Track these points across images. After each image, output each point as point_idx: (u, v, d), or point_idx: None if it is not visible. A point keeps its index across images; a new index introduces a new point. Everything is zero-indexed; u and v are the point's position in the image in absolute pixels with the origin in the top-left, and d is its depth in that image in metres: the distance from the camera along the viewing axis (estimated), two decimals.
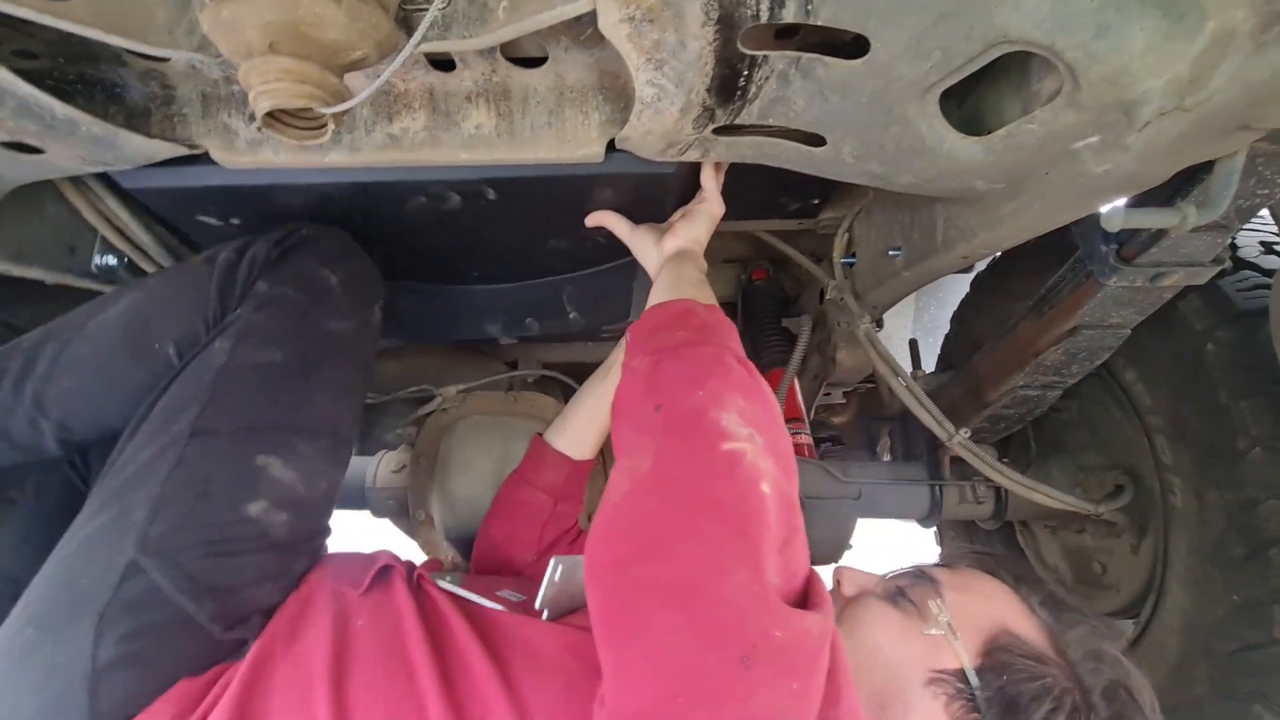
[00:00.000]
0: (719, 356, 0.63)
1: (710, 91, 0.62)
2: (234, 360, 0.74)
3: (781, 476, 0.57)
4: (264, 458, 0.72)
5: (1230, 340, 0.92)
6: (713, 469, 0.54)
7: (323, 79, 0.53)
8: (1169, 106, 0.48)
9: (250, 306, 0.77)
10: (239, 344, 0.75)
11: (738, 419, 0.57)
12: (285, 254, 0.83)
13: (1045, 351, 0.99)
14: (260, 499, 0.71)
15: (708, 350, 0.63)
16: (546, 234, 1.01)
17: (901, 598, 0.67)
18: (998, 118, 0.64)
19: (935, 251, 0.87)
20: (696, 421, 0.57)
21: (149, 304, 0.81)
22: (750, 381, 0.62)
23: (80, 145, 0.70)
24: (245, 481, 0.71)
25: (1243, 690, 0.88)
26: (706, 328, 0.68)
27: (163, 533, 0.65)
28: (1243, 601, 0.89)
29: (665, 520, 0.52)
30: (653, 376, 0.63)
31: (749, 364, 0.65)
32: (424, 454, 1.27)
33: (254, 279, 0.80)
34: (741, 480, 0.53)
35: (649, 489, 0.55)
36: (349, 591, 0.73)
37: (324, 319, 0.82)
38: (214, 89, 0.75)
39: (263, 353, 0.76)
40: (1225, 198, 0.58)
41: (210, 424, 0.71)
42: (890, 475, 1.26)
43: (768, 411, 0.61)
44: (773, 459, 0.56)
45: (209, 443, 0.70)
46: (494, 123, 0.76)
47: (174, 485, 0.67)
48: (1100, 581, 1.27)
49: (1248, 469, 0.89)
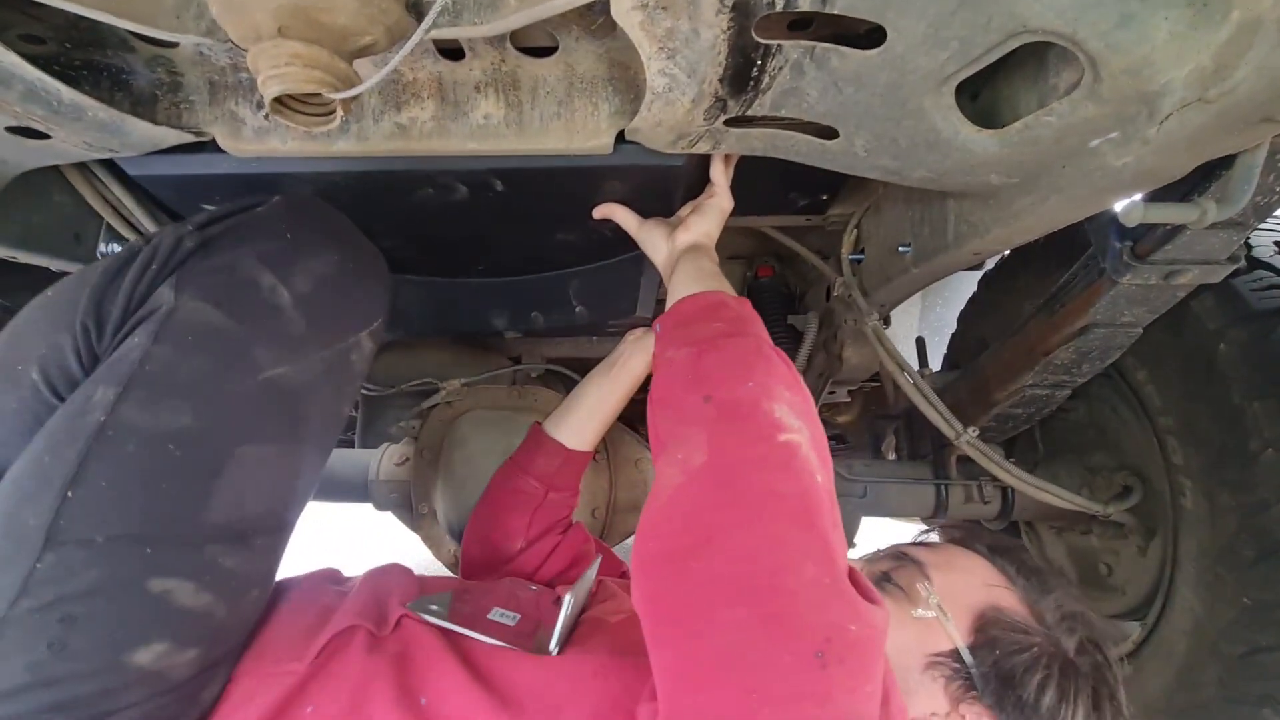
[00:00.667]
0: (759, 349, 0.62)
1: (723, 82, 0.61)
2: (114, 423, 0.51)
3: (826, 469, 0.56)
4: (162, 583, 0.49)
5: (1244, 340, 0.91)
6: (772, 460, 0.52)
7: (332, 64, 0.52)
8: (1191, 98, 0.47)
9: (145, 333, 0.54)
10: (123, 398, 0.51)
11: (789, 410, 0.55)
12: (210, 245, 0.59)
13: (1055, 350, 0.98)
14: (155, 642, 0.49)
15: (747, 342, 0.62)
16: (553, 227, 1.00)
17: (888, 582, 0.67)
18: (1013, 112, 0.63)
19: (946, 248, 0.87)
20: (750, 413, 0.54)
21: (30, 309, 0.61)
22: (790, 374, 0.61)
23: (86, 131, 0.70)
24: (131, 621, 0.49)
25: (1252, 694, 0.88)
26: (741, 320, 0.66)
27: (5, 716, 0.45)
28: (1253, 604, 0.88)
29: (725, 512, 0.50)
30: (695, 368, 0.59)
31: (785, 356, 0.64)
32: (427, 447, 1.27)
33: (157, 282, 0.56)
34: (800, 472, 0.52)
35: (705, 480, 0.52)
36: (289, 671, 0.57)
37: (264, 360, 0.57)
38: (221, 76, 0.75)
39: (163, 415, 0.52)
40: (1245, 193, 0.57)
41: (76, 529, 0.48)
42: (896, 474, 1.25)
43: (808, 404, 0.60)
44: (817, 452, 0.55)
45: (71, 558, 0.47)
46: (503, 113, 0.75)
47: (19, 631, 0.45)
48: (1106, 583, 1.26)
49: (1260, 471, 0.88)
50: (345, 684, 0.56)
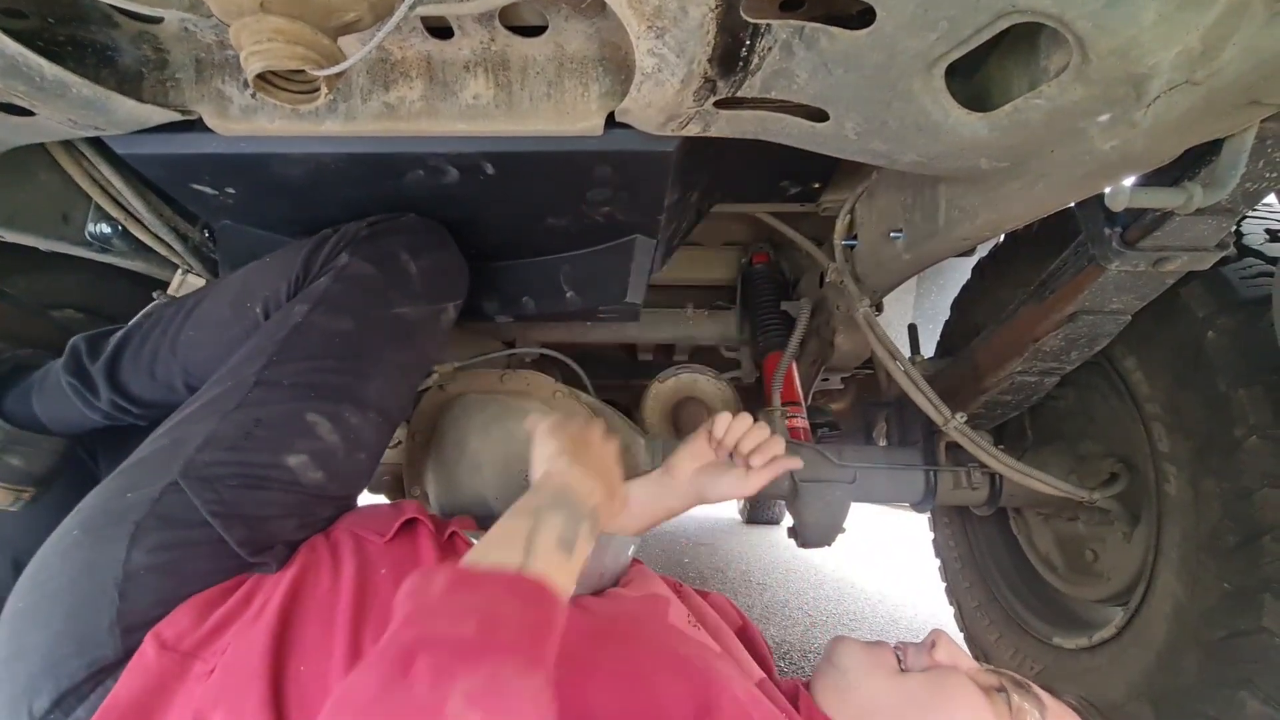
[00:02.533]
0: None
1: (712, 62, 0.61)
2: (307, 322, 0.79)
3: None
4: (315, 416, 0.76)
5: (1232, 328, 0.91)
6: None
7: (315, 40, 0.52)
8: (1179, 80, 0.47)
9: (330, 276, 0.83)
10: (314, 309, 0.80)
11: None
12: (375, 234, 0.88)
13: (1044, 337, 0.98)
14: (301, 453, 0.74)
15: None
16: (544, 212, 1.00)
17: (1000, 693, 0.66)
18: (1004, 95, 0.62)
19: (937, 233, 0.87)
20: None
21: (255, 268, 0.90)
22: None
23: (71, 108, 0.69)
24: (292, 433, 0.74)
25: (1230, 677, 0.89)
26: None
27: (206, 461, 0.70)
28: (1233, 589, 0.89)
29: None
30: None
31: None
32: (419, 430, 1.27)
33: (339, 251, 0.86)
34: None
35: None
36: (374, 540, 0.75)
37: (396, 301, 0.85)
38: (208, 54, 0.74)
39: (335, 320, 0.80)
40: (1233, 178, 0.57)
41: (274, 375, 0.76)
42: (885, 460, 1.26)
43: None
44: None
45: (269, 391, 0.75)
46: (492, 93, 0.75)
47: (229, 424, 0.72)
48: (1091, 569, 1.28)
49: (1245, 457, 0.88)
50: (414, 561, 0.72)
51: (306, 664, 0.61)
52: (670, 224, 1.08)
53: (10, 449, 0.91)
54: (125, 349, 0.91)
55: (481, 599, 0.49)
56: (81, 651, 0.61)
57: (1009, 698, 0.65)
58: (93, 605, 0.62)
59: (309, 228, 0.94)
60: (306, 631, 0.63)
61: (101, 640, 0.61)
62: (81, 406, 0.91)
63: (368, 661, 0.46)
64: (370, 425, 0.81)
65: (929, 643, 0.72)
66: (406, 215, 0.93)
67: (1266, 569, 0.86)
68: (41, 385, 0.94)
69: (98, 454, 1.06)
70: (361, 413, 0.80)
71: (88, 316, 1.24)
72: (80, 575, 0.64)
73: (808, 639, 2.33)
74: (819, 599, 2.82)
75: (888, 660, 0.71)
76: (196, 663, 0.61)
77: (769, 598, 2.78)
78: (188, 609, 0.65)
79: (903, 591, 3.00)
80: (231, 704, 0.57)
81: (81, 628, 0.62)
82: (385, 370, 0.83)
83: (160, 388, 0.90)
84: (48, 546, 0.68)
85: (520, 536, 0.56)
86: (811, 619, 2.56)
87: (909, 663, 0.71)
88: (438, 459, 1.24)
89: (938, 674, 0.68)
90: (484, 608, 0.48)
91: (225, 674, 0.59)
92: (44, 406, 0.94)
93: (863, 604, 2.81)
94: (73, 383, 0.90)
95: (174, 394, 0.89)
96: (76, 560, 0.65)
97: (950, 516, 1.72)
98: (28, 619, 0.63)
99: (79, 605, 0.63)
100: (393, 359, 0.84)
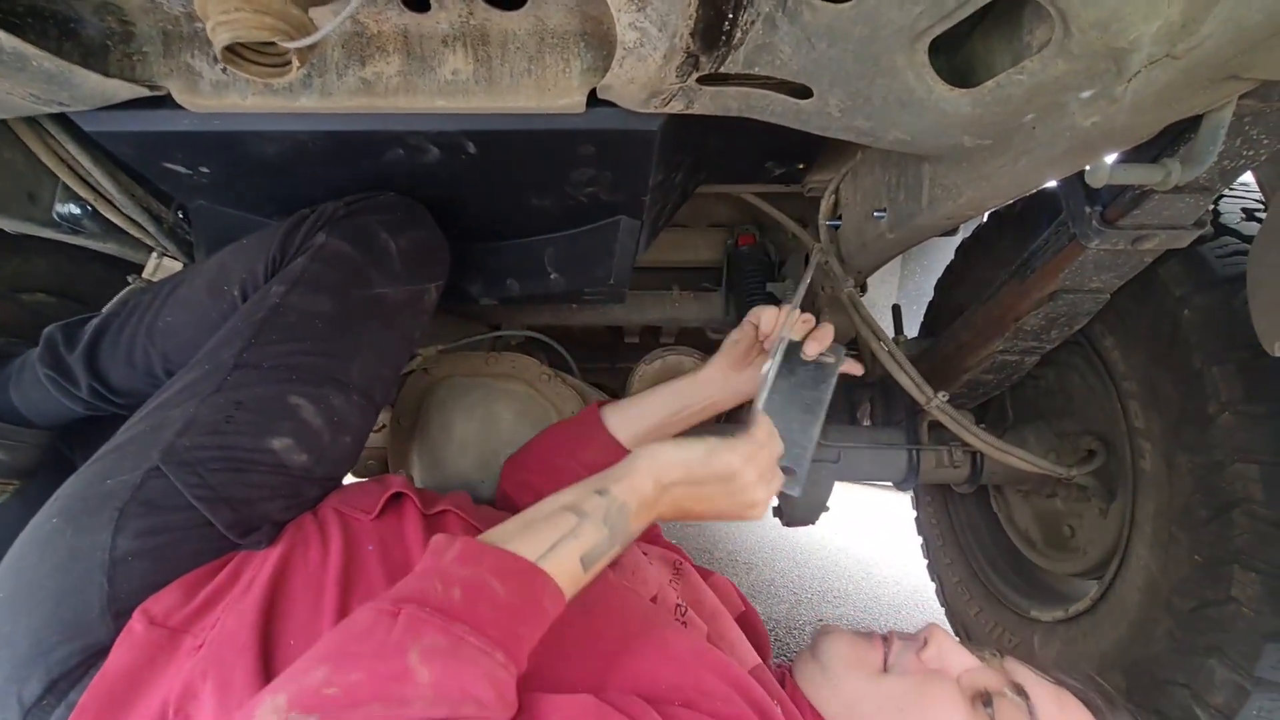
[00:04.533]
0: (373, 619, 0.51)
1: (694, 36, 0.60)
2: (285, 303, 0.78)
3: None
4: (296, 399, 0.75)
5: (1207, 306, 0.93)
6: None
7: (284, 10, 0.50)
8: (1159, 54, 0.47)
9: (307, 256, 0.81)
10: (292, 289, 0.79)
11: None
12: (352, 212, 0.86)
13: (1026, 316, 0.99)
14: (285, 436, 0.73)
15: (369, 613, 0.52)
16: (527, 192, 0.99)
17: (985, 707, 0.63)
18: (987, 71, 0.62)
19: (920, 212, 0.87)
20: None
21: (231, 251, 0.88)
22: (356, 644, 0.49)
23: (31, 82, 0.67)
24: (274, 416, 0.73)
25: (1200, 645, 0.91)
26: (407, 597, 0.52)
27: (188, 446, 0.69)
28: (1204, 560, 0.92)
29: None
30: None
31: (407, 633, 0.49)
32: (404, 414, 1.26)
33: (316, 230, 0.84)
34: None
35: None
36: (360, 516, 0.75)
37: (376, 281, 0.83)
38: (175, 26, 0.72)
39: (313, 301, 0.79)
40: (1210, 153, 0.58)
41: (253, 358, 0.75)
42: (869, 439, 1.27)
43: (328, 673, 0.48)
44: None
45: (248, 374, 0.74)
46: (472, 68, 0.73)
47: (208, 407, 0.71)
48: (1068, 544, 1.30)
49: (1217, 433, 0.90)
50: (399, 538, 0.72)
51: (296, 638, 0.61)
52: (655, 205, 1.08)
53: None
54: (103, 337, 0.89)
55: (479, 574, 0.53)
56: (72, 638, 0.61)
57: (994, 711, 0.63)
58: (80, 593, 0.62)
59: (286, 208, 0.92)
60: (295, 607, 0.64)
61: (93, 626, 0.61)
62: (61, 398, 0.89)
63: (376, 601, 0.51)
64: (354, 407, 0.80)
65: (920, 640, 0.70)
66: (385, 193, 0.91)
67: (1236, 541, 0.88)
68: (19, 377, 0.92)
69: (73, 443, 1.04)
70: (345, 395, 0.79)
71: (59, 300, 1.21)
72: (64, 563, 0.63)
73: (793, 616, 2.37)
74: (804, 577, 2.86)
75: (871, 659, 0.70)
76: (186, 638, 0.61)
77: (755, 576, 2.82)
78: (176, 586, 0.65)
79: (887, 568, 3.05)
80: (220, 676, 0.57)
81: (70, 615, 0.61)
82: (367, 352, 0.82)
83: (140, 375, 0.88)
84: (25, 535, 0.67)
85: (553, 535, 0.58)
86: (797, 597, 2.60)
87: (893, 661, 0.70)
88: (423, 443, 1.23)
89: (920, 681, 0.66)
90: (477, 582, 0.52)
91: (214, 647, 0.59)
92: (23, 398, 0.92)
93: (846, 581, 2.85)
94: (51, 375, 0.88)
95: (154, 381, 0.87)
96: (59, 548, 0.64)
97: (932, 495, 1.75)
98: (9, 608, 0.62)
99: (65, 593, 0.62)
100: (374, 340, 0.83)
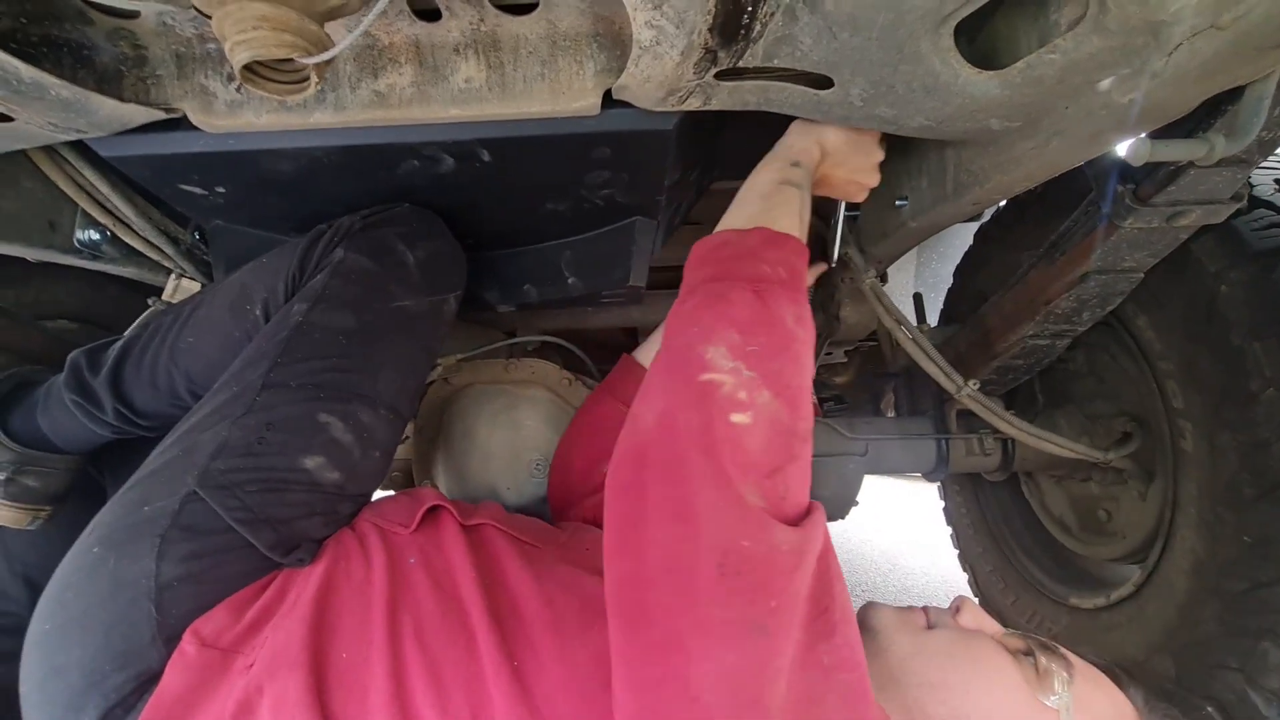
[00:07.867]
0: (726, 293, 0.65)
1: (713, 31, 0.59)
2: (308, 321, 0.78)
3: (778, 407, 0.60)
4: (326, 416, 0.75)
5: (1244, 281, 0.90)
6: (683, 398, 0.60)
7: (302, 26, 0.50)
8: (1203, 25, 0.45)
9: (326, 272, 0.82)
10: (314, 307, 0.79)
11: (725, 352, 0.61)
12: (368, 226, 0.86)
13: (1056, 299, 0.97)
14: (317, 454, 0.73)
15: (720, 286, 0.67)
16: (543, 197, 0.98)
17: (1027, 656, 0.66)
18: (1012, 53, 0.61)
19: (945, 199, 0.85)
20: (681, 356, 0.63)
21: (250, 270, 0.88)
22: (754, 315, 0.64)
23: (50, 111, 0.67)
24: (306, 435, 0.74)
25: (1252, 628, 0.89)
26: (734, 260, 0.69)
27: (223, 469, 0.69)
28: (1254, 541, 0.89)
29: (650, 452, 0.59)
30: (670, 317, 0.70)
31: (770, 294, 0.65)
32: (426, 425, 1.26)
33: (334, 246, 0.84)
34: (708, 409, 0.58)
35: (638, 423, 0.62)
36: (399, 530, 0.76)
37: (396, 293, 0.84)
38: (188, 48, 0.72)
39: (336, 317, 0.79)
40: (1255, 125, 0.56)
41: (280, 378, 0.75)
42: (897, 430, 1.25)
43: (771, 345, 0.63)
44: (769, 390, 0.60)
45: (277, 394, 0.74)
46: (484, 75, 0.72)
47: (240, 429, 0.72)
48: (1105, 529, 1.28)
49: (1261, 410, 0.88)
50: (438, 548, 0.73)
51: (348, 651, 0.62)
52: (671, 204, 1.06)
53: (25, 470, 0.90)
54: (126, 361, 0.89)
55: (787, 256, 0.68)
56: (124, 666, 0.61)
57: (1036, 660, 0.65)
58: (129, 621, 0.62)
59: (303, 224, 0.92)
60: (343, 620, 0.65)
61: (145, 652, 0.62)
62: (88, 423, 0.90)
63: (722, 282, 0.66)
64: (382, 422, 0.80)
65: (954, 607, 0.73)
66: (400, 205, 0.91)
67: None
68: (46, 403, 0.93)
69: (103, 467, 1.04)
70: (372, 409, 0.79)
71: (82, 326, 1.22)
72: (111, 592, 0.63)
73: None
74: None
75: (917, 620, 0.72)
76: (238, 657, 0.62)
77: None
78: (224, 607, 0.66)
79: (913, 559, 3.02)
80: (275, 693, 0.58)
81: (120, 644, 0.62)
82: (391, 365, 0.82)
83: (164, 397, 0.89)
84: (68, 564, 0.67)
85: (794, 205, 0.74)
86: None
87: (934, 620, 0.72)
88: (447, 452, 1.23)
89: (964, 639, 0.68)
90: (789, 261, 0.68)
91: (267, 664, 0.60)
92: (51, 424, 0.92)
93: (874, 574, 2.83)
94: (77, 400, 0.88)
95: (178, 402, 0.88)
96: (103, 577, 0.64)
97: (960, 484, 1.72)
98: (59, 639, 0.63)
99: (114, 622, 0.62)
100: (398, 353, 0.83)
